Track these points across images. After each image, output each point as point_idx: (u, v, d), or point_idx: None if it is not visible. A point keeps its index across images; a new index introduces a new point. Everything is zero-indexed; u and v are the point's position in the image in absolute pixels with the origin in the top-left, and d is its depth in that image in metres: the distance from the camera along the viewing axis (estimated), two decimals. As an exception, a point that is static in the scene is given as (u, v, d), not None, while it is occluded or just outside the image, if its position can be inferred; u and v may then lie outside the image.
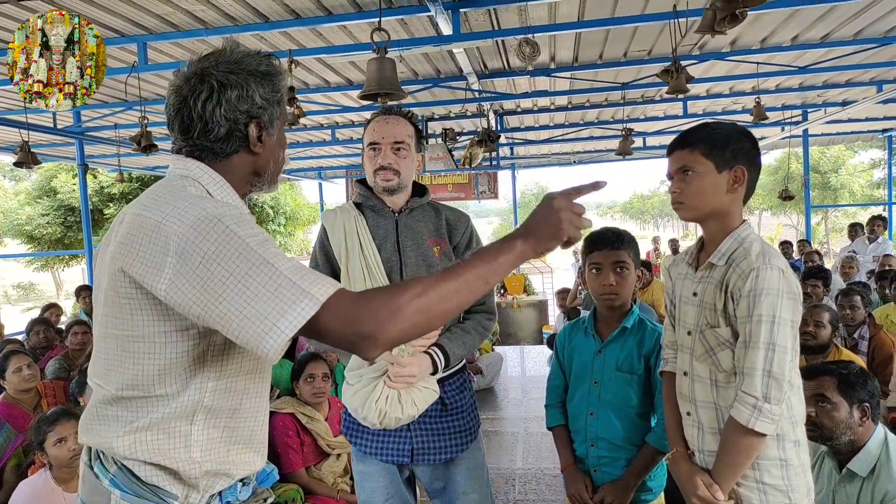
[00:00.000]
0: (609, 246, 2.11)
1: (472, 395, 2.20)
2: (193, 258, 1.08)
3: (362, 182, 2.15)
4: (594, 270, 2.15)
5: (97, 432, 1.23)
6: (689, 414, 1.78)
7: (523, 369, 7.19)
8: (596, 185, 1.28)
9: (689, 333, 1.77)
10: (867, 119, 10.74)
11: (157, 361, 1.17)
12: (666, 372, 1.91)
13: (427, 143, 2.12)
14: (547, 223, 1.21)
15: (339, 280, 2.05)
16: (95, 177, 15.92)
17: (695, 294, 1.75)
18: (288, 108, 5.06)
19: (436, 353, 1.98)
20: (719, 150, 1.65)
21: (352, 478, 3.27)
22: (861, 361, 3.51)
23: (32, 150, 6.04)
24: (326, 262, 2.13)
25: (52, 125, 7.90)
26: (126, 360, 1.18)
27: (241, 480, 1.34)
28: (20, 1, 4.26)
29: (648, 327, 2.14)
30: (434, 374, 1.98)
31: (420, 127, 2.16)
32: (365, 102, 3.89)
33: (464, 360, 2.19)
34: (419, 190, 2.16)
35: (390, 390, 1.91)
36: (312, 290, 1.07)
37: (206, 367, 1.22)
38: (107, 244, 1.24)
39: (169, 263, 1.09)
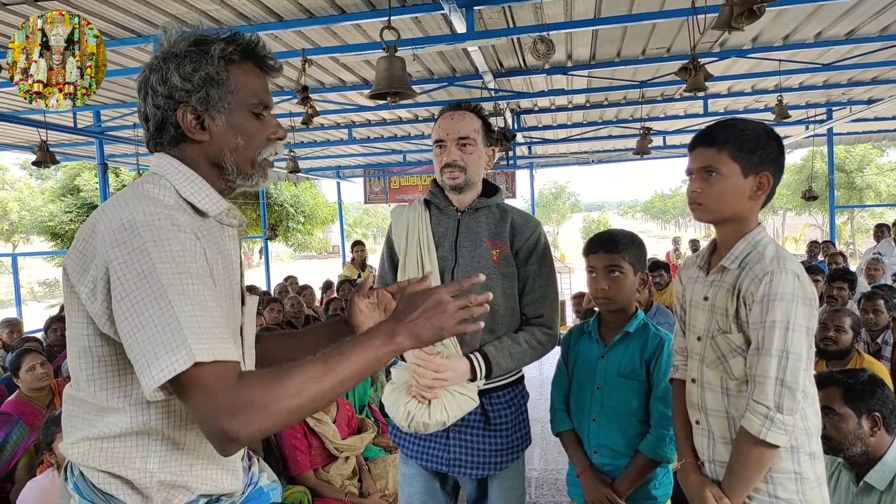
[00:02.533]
0: (602, 249, 2.05)
1: (521, 413, 2.09)
2: (103, 266, 1.04)
3: (436, 181, 2.10)
4: (591, 274, 2.10)
5: (64, 435, 1.21)
6: (698, 423, 1.72)
7: (541, 370, 7.12)
8: (473, 282, 1.21)
9: (699, 339, 1.71)
10: (894, 117, 10.49)
11: (84, 366, 1.14)
12: (676, 379, 1.85)
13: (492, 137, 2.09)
14: (429, 322, 1.14)
15: (396, 273, 2.04)
16: (118, 175, 16.11)
17: (706, 298, 1.69)
18: (301, 107, 5.05)
19: (477, 359, 1.87)
20: (748, 153, 1.57)
21: (360, 480, 3.26)
22: (884, 368, 3.41)
23: (53, 149, 6.13)
24: (389, 255, 2.13)
25: (72, 124, 7.98)
26: (71, 359, 1.17)
27: (206, 497, 1.22)
28: (37, 1, 4.29)
29: (651, 332, 2.09)
30: (472, 381, 1.89)
31: (489, 120, 2.10)
32: (380, 101, 3.85)
33: (520, 373, 2.10)
34: (491, 190, 2.09)
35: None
36: (195, 344, 0.97)
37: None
38: None
39: (92, 268, 1.06)
